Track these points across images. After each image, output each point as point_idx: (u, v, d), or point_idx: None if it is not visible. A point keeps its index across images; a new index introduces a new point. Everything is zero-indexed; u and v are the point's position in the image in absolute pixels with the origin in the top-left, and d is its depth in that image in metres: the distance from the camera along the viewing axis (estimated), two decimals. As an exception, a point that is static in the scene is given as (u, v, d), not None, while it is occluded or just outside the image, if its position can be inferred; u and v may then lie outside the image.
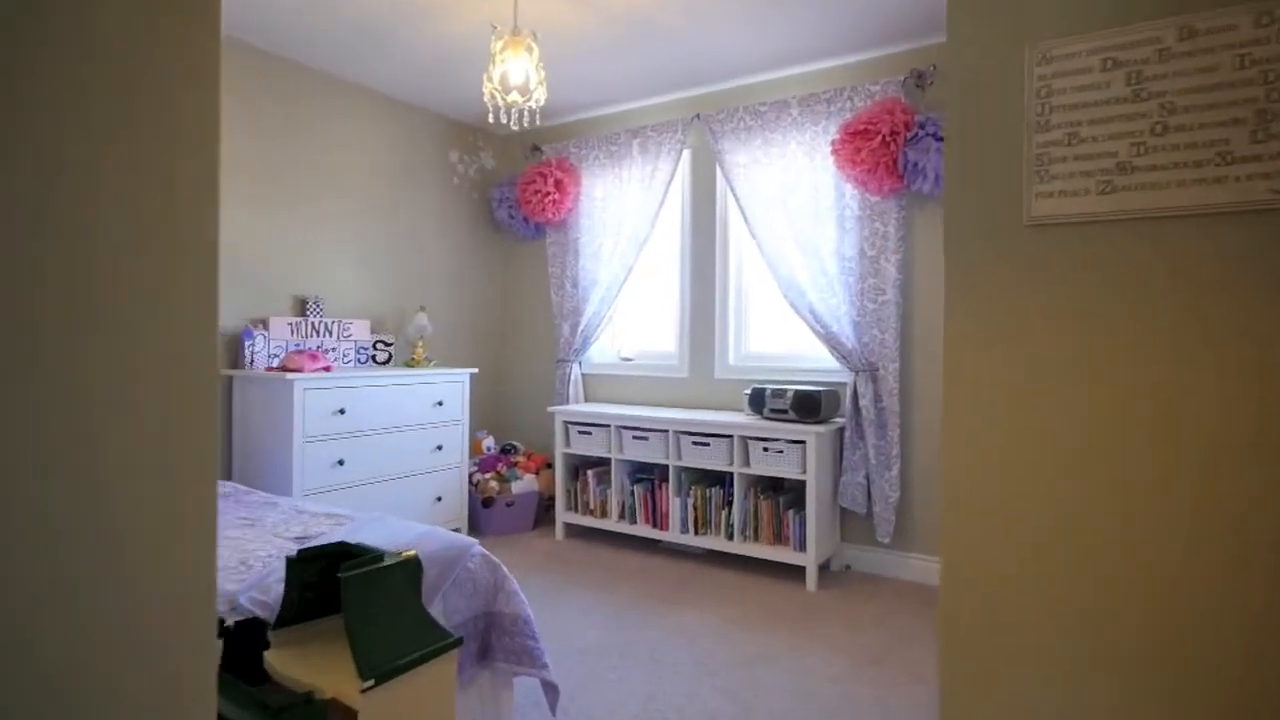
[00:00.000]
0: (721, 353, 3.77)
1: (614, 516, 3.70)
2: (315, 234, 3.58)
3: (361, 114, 3.79)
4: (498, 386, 4.64)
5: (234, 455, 3.22)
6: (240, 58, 3.25)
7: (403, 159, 4.02)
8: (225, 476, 3.22)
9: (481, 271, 4.54)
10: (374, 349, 3.75)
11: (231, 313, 3.23)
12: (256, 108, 3.32)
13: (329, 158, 3.64)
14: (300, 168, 3.51)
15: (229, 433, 3.23)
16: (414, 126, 4.08)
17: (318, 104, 3.58)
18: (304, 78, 3.51)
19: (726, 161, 3.58)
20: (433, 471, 3.56)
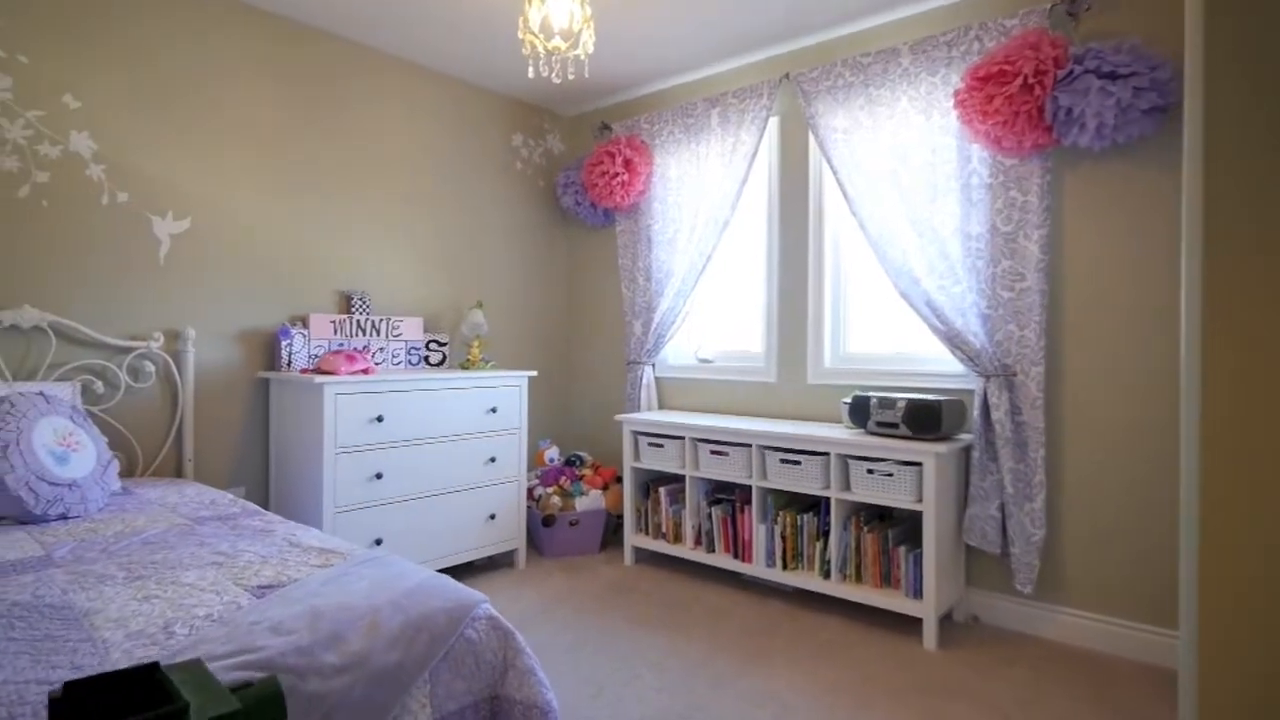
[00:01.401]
0: (816, 354, 3.20)
1: (689, 542, 3.20)
2: (362, 225, 3.29)
3: (413, 94, 3.48)
4: (562, 391, 4.24)
5: (270, 466, 2.96)
6: (278, 32, 2.98)
7: (460, 143, 3.68)
8: (262, 490, 2.96)
9: (545, 264, 4.15)
10: (426, 349, 3.43)
11: (268, 309, 2.97)
12: (296, 86, 3.05)
13: (378, 142, 3.34)
14: (346, 153, 3.22)
15: (265, 441, 2.97)
16: (473, 108, 3.74)
17: (365, 83, 3.29)
18: (349, 54, 3.23)
19: (821, 127, 3.01)
20: (486, 486, 3.18)
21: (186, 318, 2.74)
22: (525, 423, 3.35)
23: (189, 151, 2.74)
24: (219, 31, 2.82)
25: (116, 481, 2.26)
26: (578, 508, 3.52)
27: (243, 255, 2.89)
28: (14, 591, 1.37)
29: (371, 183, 3.32)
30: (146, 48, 2.64)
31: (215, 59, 2.81)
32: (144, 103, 2.63)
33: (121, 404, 2.56)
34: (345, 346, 3.10)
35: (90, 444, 2.10)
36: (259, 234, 2.94)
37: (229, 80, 2.85)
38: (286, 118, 3.02)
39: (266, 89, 2.96)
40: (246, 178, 2.90)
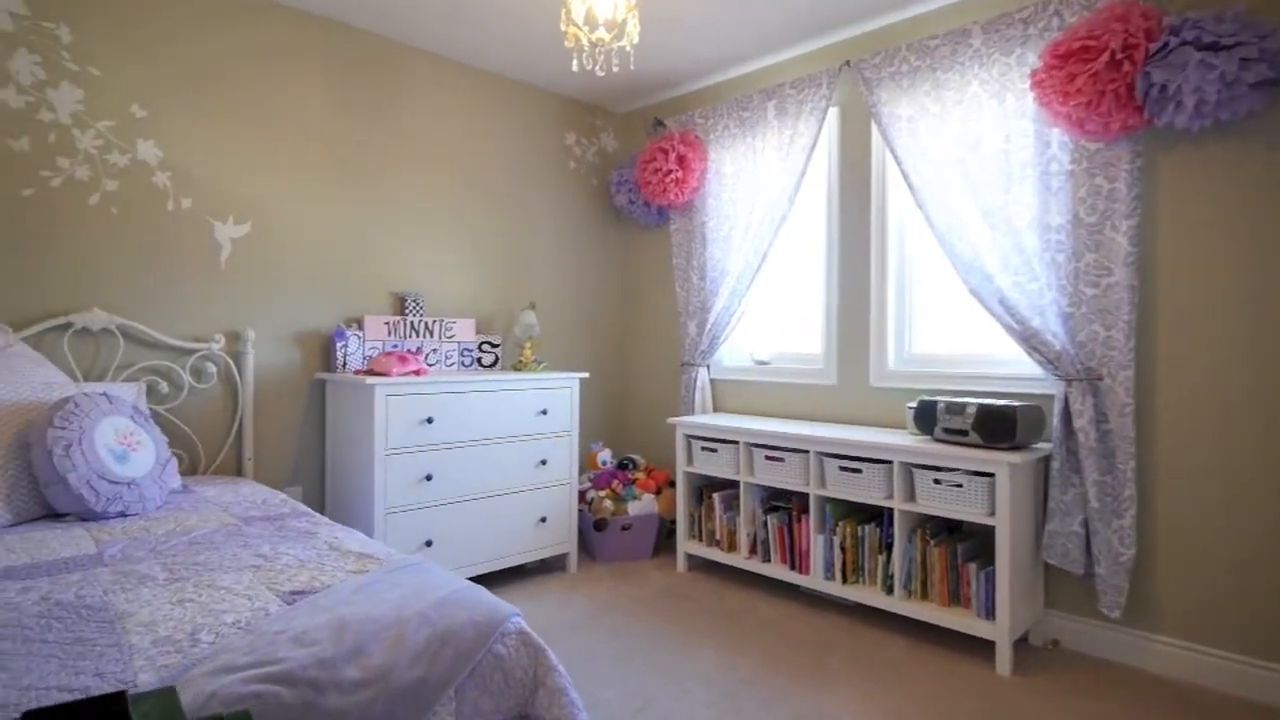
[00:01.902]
0: (879, 355, 3.04)
1: (743, 551, 3.09)
2: (416, 227, 3.31)
3: (466, 95, 3.48)
4: (616, 393, 4.18)
5: (326, 466, 3.00)
6: (334, 37, 3.03)
7: (513, 143, 3.67)
8: (319, 490, 3.01)
9: (599, 264, 4.10)
10: (479, 351, 3.42)
11: (325, 311, 3.02)
12: (351, 91, 3.09)
13: (432, 144, 3.35)
14: (401, 155, 3.25)
15: (322, 441, 3.02)
16: (525, 107, 3.72)
17: (418, 85, 3.31)
18: (402, 56, 3.25)
19: (884, 116, 2.85)
20: (536, 489, 3.15)
21: (246, 320, 2.80)
22: (577, 425, 3.30)
23: (248, 157, 2.81)
24: (278, 40, 2.87)
25: (176, 479, 2.32)
26: (630, 512, 3.45)
27: (300, 258, 2.94)
28: (59, 590, 1.39)
29: (425, 185, 3.34)
30: (208, 58, 2.71)
31: (274, 67, 2.87)
32: (206, 111, 2.70)
33: (185, 404, 2.64)
34: (399, 348, 3.12)
35: (150, 443, 2.15)
36: (315, 237, 2.99)
37: (287, 87, 2.90)
38: (342, 122, 3.06)
39: (323, 94, 3.00)
40: (303, 182, 2.95)
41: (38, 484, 1.94)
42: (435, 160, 3.37)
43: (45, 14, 2.38)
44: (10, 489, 1.90)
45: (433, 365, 3.24)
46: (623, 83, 3.73)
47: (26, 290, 2.35)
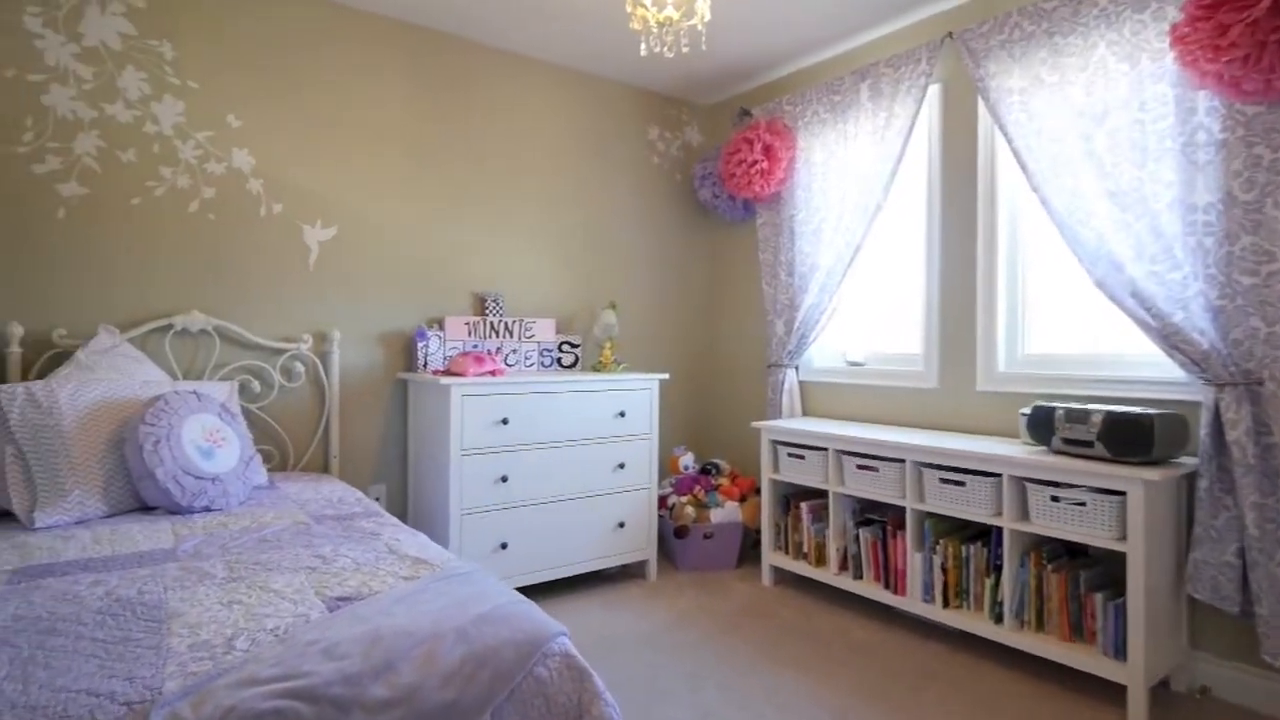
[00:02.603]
0: (987, 355, 2.74)
1: (833, 566, 2.87)
2: (498, 226, 3.30)
3: (546, 92, 3.44)
4: (699, 395, 4.03)
5: (408, 465, 3.03)
6: (416, 41, 3.06)
7: (594, 139, 3.61)
8: (402, 489, 3.05)
9: (682, 262, 3.97)
10: (559, 351, 3.38)
11: (408, 311, 3.05)
12: (433, 93, 3.11)
13: (513, 143, 3.34)
14: (482, 156, 3.25)
15: (404, 440, 3.06)
16: (607, 103, 3.65)
17: (499, 85, 3.30)
18: (483, 57, 3.25)
19: (993, 90, 2.57)
20: (614, 493, 3.06)
21: (332, 320, 2.87)
22: (656, 427, 3.19)
23: (335, 162, 2.88)
24: (364, 45, 2.93)
25: (261, 476, 2.39)
26: (713, 519, 3.30)
27: (383, 259, 2.99)
28: (125, 585, 1.41)
29: (506, 184, 3.33)
30: (299, 66, 2.79)
31: (360, 72, 2.93)
32: (295, 118, 2.79)
33: (275, 402, 2.73)
34: (478, 348, 3.11)
35: (235, 440, 2.22)
36: (398, 238, 3.03)
37: (372, 91, 2.96)
38: (425, 124, 3.09)
39: (406, 97, 3.04)
40: (387, 184, 3.00)
41: (131, 478, 2.03)
42: (517, 159, 3.35)
43: (150, 32, 2.52)
44: (107, 481, 2.00)
45: (512, 366, 3.22)
46: (706, 73, 3.59)
47: (132, 293, 2.49)
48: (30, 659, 1.09)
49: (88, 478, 1.97)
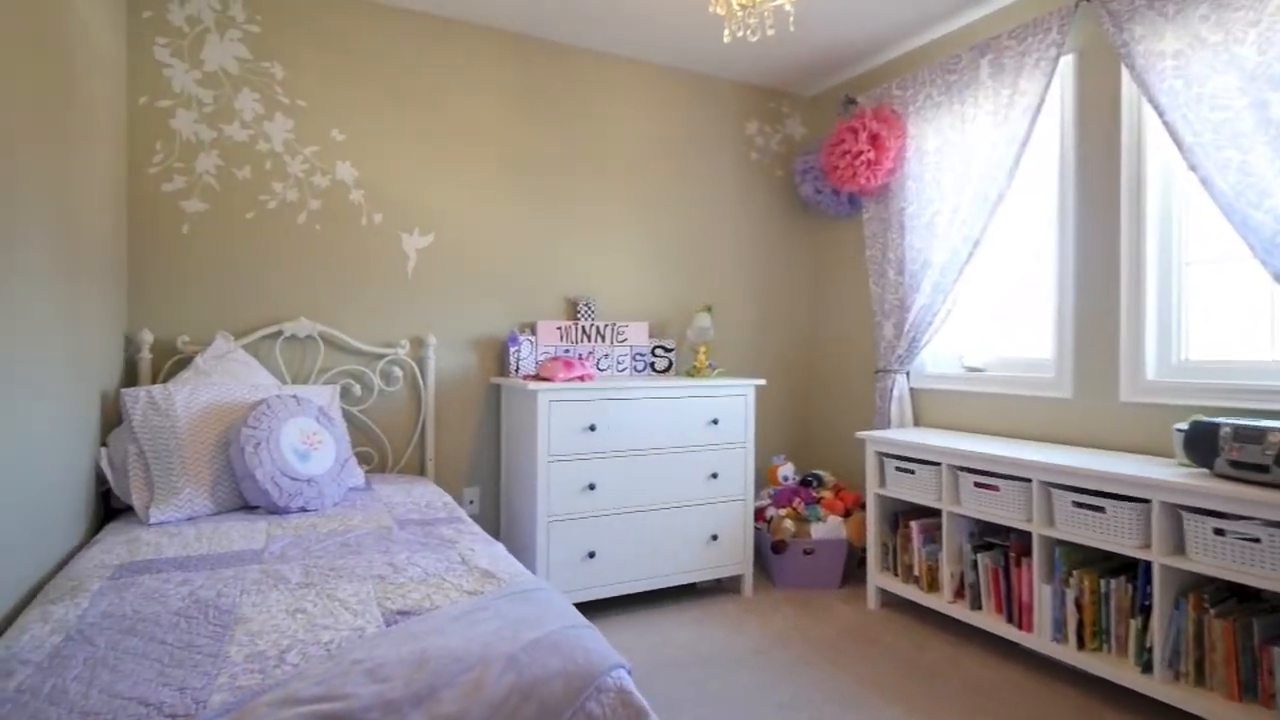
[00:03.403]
0: (1133, 361, 2.39)
1: (946, 593, 2.60)
2: (591, 230, 3.27)
3: (640, 91, 3.37)
4: (800, 402, 3.81)
5: (500, 470, 3.05)
6: (509, 47, 3.07)
7: (689, 137, 3.50)
8: (494, 492, 3.07)
9: (783, 261, 3.78)
10: (652, 355, 3.29)
11: (501, 316, 3.07)
12: (527, 98, 3.12)
13: (607, 144, 3.29)
14: (576, 158, 3.22)
15: (497, 444, 3.07)
16: (702, 99, 3.53)
17: (592, 86, 3.26)
18: (575, 59, 3.22)
19: (1139, 56, 2.23)
20: (707, 503, 2.93)
21: (429, 326, 2.93)
22: (752, 436, 3.03)
23: (432, 170, 2.93)
24: (457, 56, 2.98)
25: (358, 476, 2.46)
26: (814, 535, 3.10)
27: (478, 265, 3.02)
28: (209, 586, 1.45)
29: (599, 186, 3.29)
30: (398, 79, 2.87)
31: (456, 81, 2.97)
32: (395, 129, 2.87)
33: (375, 405, 2.81)
34: (570, 353, 3.09)
35: (331, 443, 2.29)
36: (493, 244, 3.05)
37: (468, 100, 3.00)
38: (518, 130, 3.10)
39: (501, 103, 3.06)
40: (482, 191, 3.03)
41: (235, 478, 2.13)
42: (609, 160, 3.30)
43: (263, 55, 2.66)
44: (215, 481, 2.11)
45: (603, 370, 3.17)
46: (807, 61, 3.39)
47: (247, 302, 2.64)
48: (102, 660, 1.12)
49: (197, 477, 2.08)
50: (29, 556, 1.58)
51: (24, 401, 1.54)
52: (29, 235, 1.58)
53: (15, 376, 1.50)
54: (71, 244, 1.87)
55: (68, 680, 1.05)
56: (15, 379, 1.50)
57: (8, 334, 1.46)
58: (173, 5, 2.53)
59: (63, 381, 1.82)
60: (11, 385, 1.48)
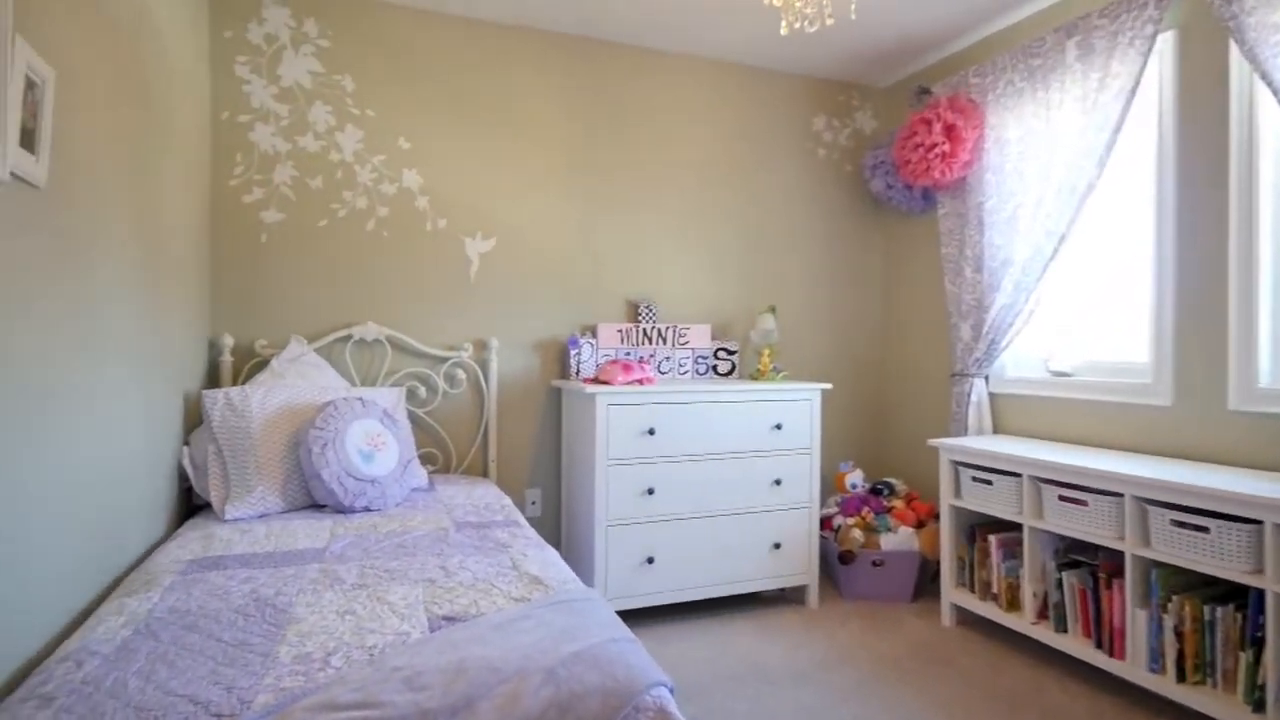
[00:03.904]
0: (1244, 367, 2.17)
1: (1029, 613, 2.44)
2: (652, 231, 3.23)
3: (700, 89, 3.31)
4: (869, 407, 3.66)
5: (561, 473, 3.06)
6: (570, 51, 3.07)
7: (751, 134, 3.41)
8: (556, 495, 3.08)
9: (851, 260, 3.64)
10: (715, 358, 3.23)
11: (562, 319, 3.07)
12: (588, 100, 3.11)
13: (668, 144, 3.25)
14: (637, 159, 3.20)
15: (558, 447, 3.08)
16: (765, 94, 3.44)
17: (653, 85, 3.22)
18: (635, 60, 3.19)
19: (1250, 29, 2.01)
20: (771, 510, 2.85)
21: (491, 329, 2.97)
22: (818, 441, 2.93)
23: (494, 175, 2.97)
24: (519, 61, 3.00)
25: (421, 477, 2.51)
26: (883, 546, 2.96)
27: (540, 268, 3.04)
28: (270, 585, 1.50)
29: (661, 187, 3.25)
30: (462, 86, 2.92)
31: (517, 85, 3.00)
32: (458, 136, 2.92)
33: (440, 407, 2.87)
34: (631, 356, 3.06)
35: (394, 445, 2.34)
36: (555, 247, 3.06)
37: (530, 104, 3.02)
38: (581, 132, 3.10)
39: (563, 107, 3.07)
40: (543, 195, 3.05)
41: (304, 477, 2.20)
42: (670, 161, 3.26)
43: (335, 68, 2.76)
44: (285, 480, 2.19)
45: (664, 374, 3.13)
46: (877, 51, 3.25)
47: (319, 307, 2.74)
48: (162, 655, 1.16)
49: (270, 476, 2.17)
50: (113, 549, 1.67)
51: (107, 402, 1.64)
52: (111, 250, 1.68)
53: (100, 379, 1.59)
54: (153, 256, 1.98)
55: (129, 674, 1.09)
56: (100, 381, 1.59)
57: (92, 341, 1.55)
58: (252, 24, 2.65)
59: (146, 383, 1.92)
60: (96, 387, 1.57)
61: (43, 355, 1.33)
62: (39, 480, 1.31)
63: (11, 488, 1.21)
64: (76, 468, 1.47)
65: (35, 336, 1.30)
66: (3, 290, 1.19)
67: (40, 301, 1.32)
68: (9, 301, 1.21)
